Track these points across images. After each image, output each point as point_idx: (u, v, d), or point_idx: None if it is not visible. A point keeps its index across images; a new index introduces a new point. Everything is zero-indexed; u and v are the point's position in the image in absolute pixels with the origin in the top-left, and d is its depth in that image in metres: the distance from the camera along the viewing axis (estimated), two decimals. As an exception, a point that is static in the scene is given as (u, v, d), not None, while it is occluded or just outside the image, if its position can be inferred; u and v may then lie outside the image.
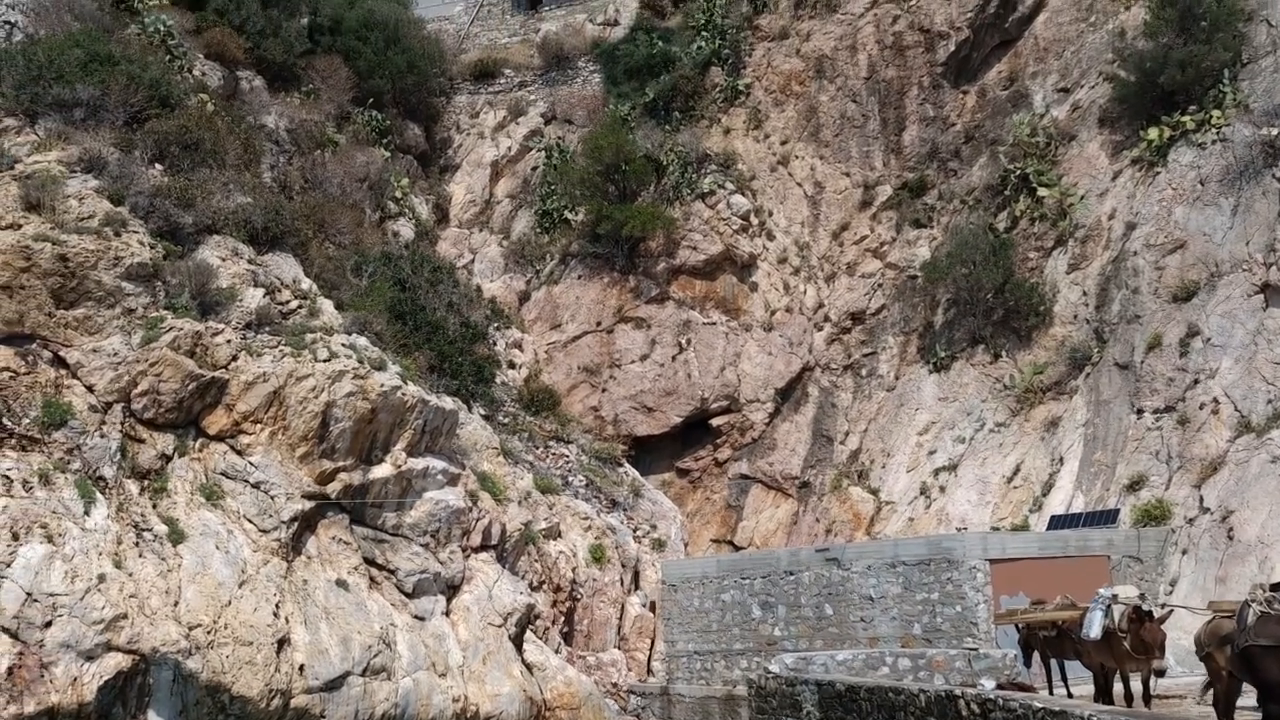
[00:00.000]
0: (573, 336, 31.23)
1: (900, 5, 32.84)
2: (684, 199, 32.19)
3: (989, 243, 28.23)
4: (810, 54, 33.91)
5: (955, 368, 28.14)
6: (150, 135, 21.98)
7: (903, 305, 30.25)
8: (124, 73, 22.44)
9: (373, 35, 38.31)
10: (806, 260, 31.96)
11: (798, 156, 33.20)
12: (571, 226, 33.89)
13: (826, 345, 30.87)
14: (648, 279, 31.36)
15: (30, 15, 24.14)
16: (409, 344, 24.53)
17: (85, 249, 17.87)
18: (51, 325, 17.59)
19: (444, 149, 40.56)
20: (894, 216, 31.45)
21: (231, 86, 30.61)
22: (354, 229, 28.75)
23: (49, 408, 16.82)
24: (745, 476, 29.53)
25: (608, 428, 29.94)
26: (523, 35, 46.77)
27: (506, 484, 23.48)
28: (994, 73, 32.14)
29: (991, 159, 30.20)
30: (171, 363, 17.94)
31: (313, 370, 19.06)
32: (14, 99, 21.18)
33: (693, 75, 35.83)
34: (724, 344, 30.30)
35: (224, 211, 21.37)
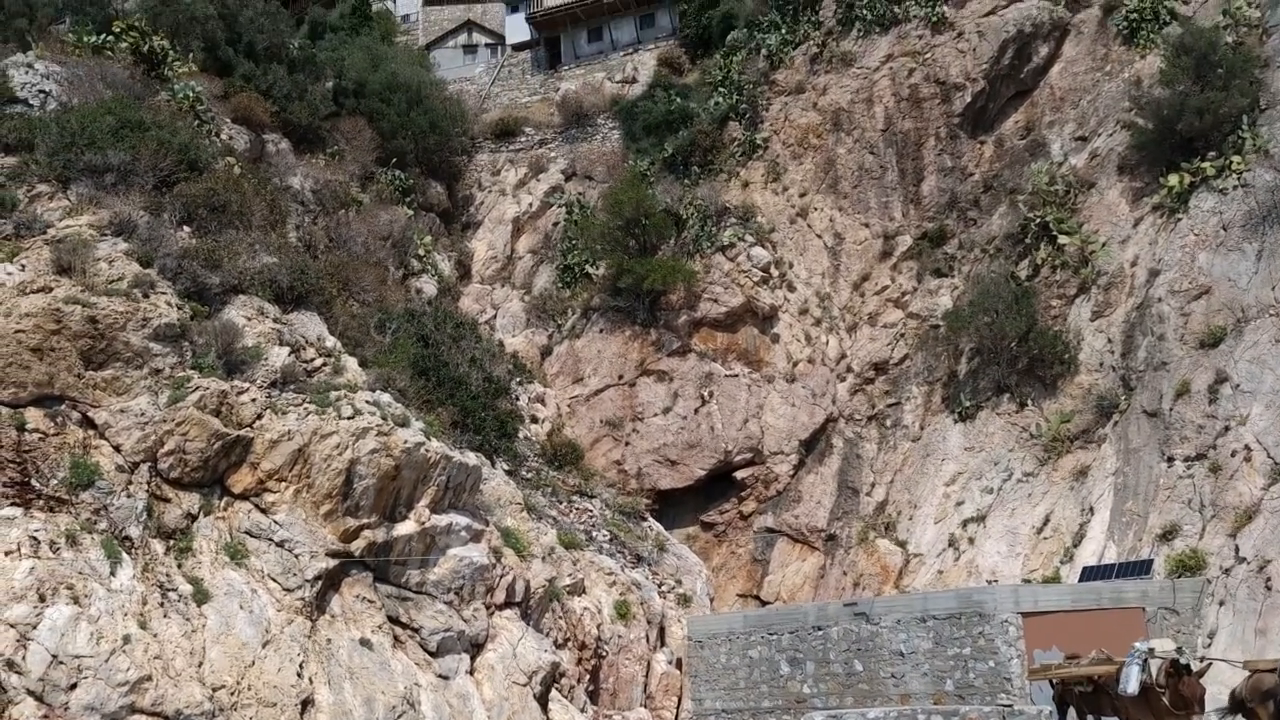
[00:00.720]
0: (595, 390, 31.26)
1: (915, 58, 33.20)
2: (704, 252, 32.36)
3: (1011, 291, 28.15)
4: (827, 107, 34.24)
5: (981, 417, 27.90)
6: (179, 198, 22.38)
7: (926, 355, 30.12)
8: (154, 138, 22.93)
9: (396, 97, 39.08)
10: (828, 311, 31.95)
11: (817, 208, 33.37)
12: (593, 281, 34.10)
13: (850, 396, 30.71)
14: (669, 332, 31.42)
15: (64, 84, 24.75)
16: (432, 400, 24.59)
17: (114, 311, 18.10)
18: (80, 386, 17.77)
19: (466, 206, 41.11)
20: (915, 266, 31.46)
21: (258, 149, 31.20)
22: (378, 286, 29.04)
23: (77, 468, 16.93)
24: (770, 530, 29.26)
25: (631, 481, 29.81)
26: (543, 94, 47.57)
27: (530, 540, 23.34)
28: (1011, 122, 32.34)
29: (1011, 208, 30.25)
30: (197, 422, 18.05)
31: (337, 428, 19.12)
32: (48, 165, 21.67)
33: (711, 130, 36.26)
34: (746, 396, 30.21)
35: (250, 271, 21.65)
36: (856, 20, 35.16)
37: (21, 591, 15.03)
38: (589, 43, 49.06)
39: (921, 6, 33.85)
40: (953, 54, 32.66)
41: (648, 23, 48.07)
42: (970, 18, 33.03)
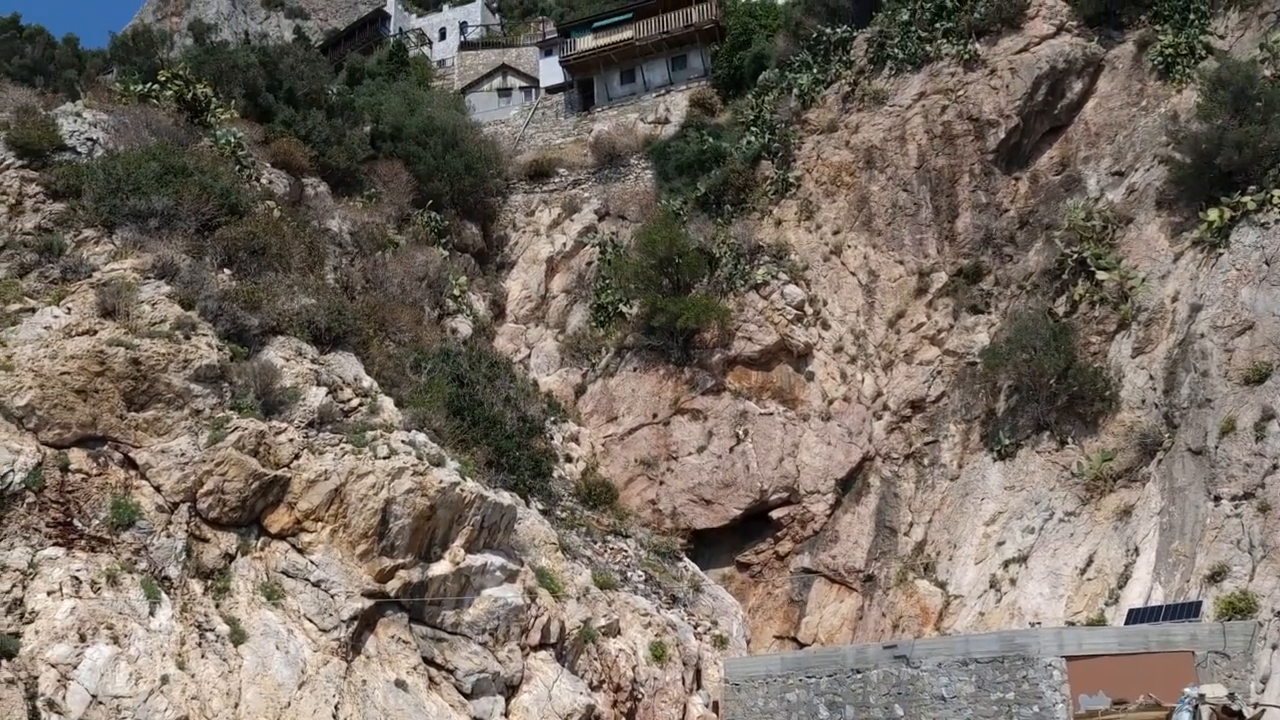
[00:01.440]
0: (629, 429, 31.20)
1: (948, 96, 33.21)
2: (738, 290, 32.36)
3: (1049, 328, 27.85)
4: (859, 145, 34.29)
5: (1020, 455, 27.49)
6: (220, 242, 22.79)
7: (963, 392, 29.79)
8: (196, 183, 23.43)
9: (432, 140, 39.72)
10: (863, 349, 31.77)
11: (850, 246, 33.30)
12: (626, 320, 34.19)
13: (886, 434, 30.41)
14: (703, 370, 31.36)
15: (111, 132, 25.38)
16: (467, 439, 24.67)
17: (156, 353, 18.40)
18: (123, 427, 18.02)
19: (500, 247, 41.50)
20: (950, 303, 31.24)
21: (297, 193, 31.75)
22: (413, 327, 29.31)
23: (118, 508, 17.12)
24: (807, 570, 28.91)
25: (666, 521, 29.63)
26: (576, 135, 48.12)
27: (565, 580, 23.23)
28: (1045, 158, 32.18)
29: (1047, 244, 30.01)
30: (236, 462, 18.23)
31: (373, 467, 19.21)
32: (94, 211, 22.19)
33: (743, 169, 36.41)
34: (782, 434, 30.01)
35: (288, 313, 21.93)
36: (888, 59, 35.29)
37: (63, 631, 15.17)
38: (621, 84, 49.65)
39: (953, 44, 33.92)
40: (986, 91, 32.64)
41: (679, 64, 48.58)
42: (1003, 55, 33.03)
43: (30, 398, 17.35)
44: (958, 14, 34.46)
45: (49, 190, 22.88)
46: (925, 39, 34.67)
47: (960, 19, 34.28)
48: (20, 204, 22.42)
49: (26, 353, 17.85)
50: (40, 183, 22.92)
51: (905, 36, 35.12)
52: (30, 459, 16.70)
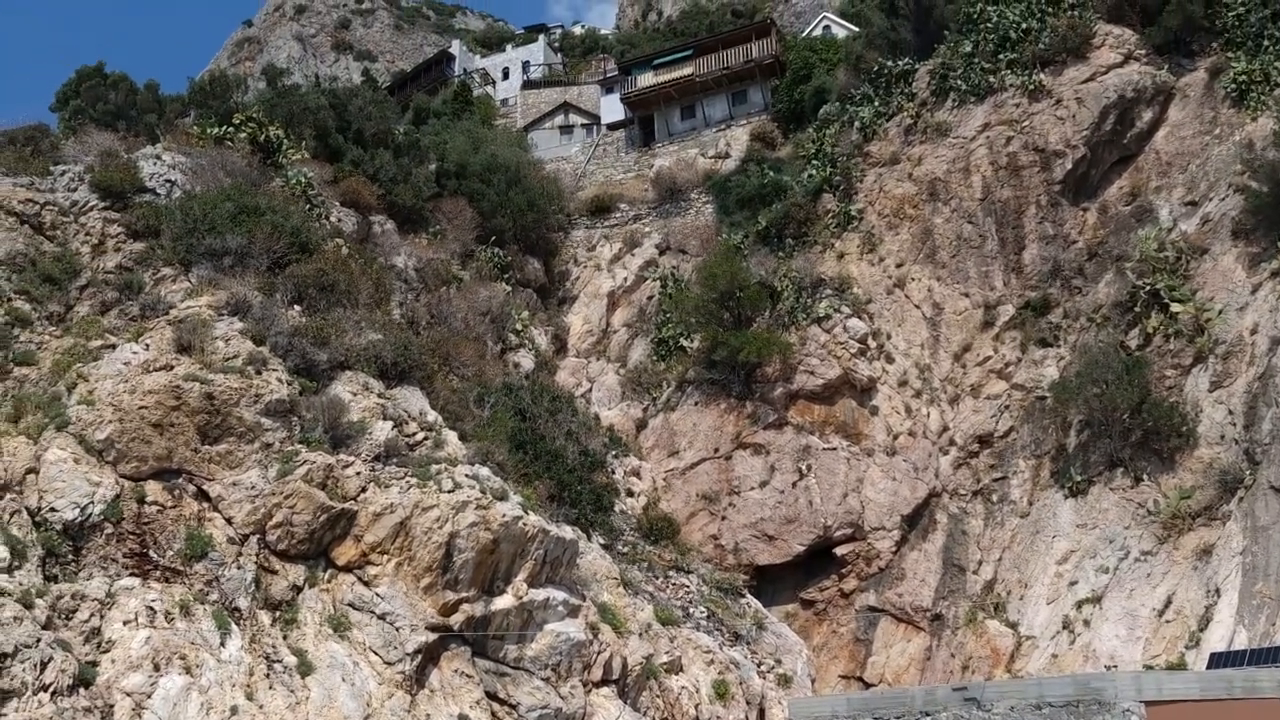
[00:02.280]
0: (690, 464, 31.06)
1: (1013, 127, 32.82)
2: (800, 324, 32.16)
3: (1121, 361, 27.17)
4: (922, 178, 34.00)
5: (1093, 492, 26.75)
6: (290, 279, 23.33)
7: (1032, 427, 29.13)
8: (268, 222, 24.06)
9: (495, 177, 40.36)
10: (928, 383, 31.29)
11: (914, 278, 32.94)
12: (687, 354, 34.16)
13: (953, 470, 29.82)
14: (765, 405, 31.14)
15: (188, 173, 26.23)
16: (529, 473, 24.80)
17: (230, 387, 18.83)
18: (197, 460, 18.44)
19: (562, 281, 41.87)
20: (1018, 336, 30.66)
21: (365, 230, 32.43)
22: (477, 361, 29.64)
23: (191, 540, 17.48)
24: (873, 608, 28.37)
25: (728, 557, 29.36)
26: (637, 171, 48.56)
27: (627, 616, 23.10)
28: (1115, 188, 31.58)
29: (1118, 275, 29.36)
30: (304, 495, 18.51)
31: (437, 501, 19.37)
32: (171, 249, 22.92)
33: (804, 202, 36.32)
34: (845, 470, 29.62)
35: (356, 348, 22.32)
36: (951, 91, 35.04)
37: (138, 661, 15.47)
38: (682, 120, 50.02)
39: (1018, 75, 33.57)
40: (1051, 121, 32.19)
41: (740, 99, 48.84)
42: (1068, 84, 32.58)
43: (110, 431, 17.86)
44: (1022, 45, 34.13)
45: (129, 230, 23.70)
46: (989, 70, 34.37)
47: (1024, 50, 33.95)
48: (102, 244, 23.24)
49: (107, 387, 18.41)
50: (121, 223, 23.74)
51: (968, 68, 34.86)
52: (109, 491, 17.16)
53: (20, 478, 16.90)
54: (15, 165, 24.11)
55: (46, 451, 17.30)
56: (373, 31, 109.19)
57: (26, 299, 21.05)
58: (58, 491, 16.85)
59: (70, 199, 23.74)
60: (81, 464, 17.31)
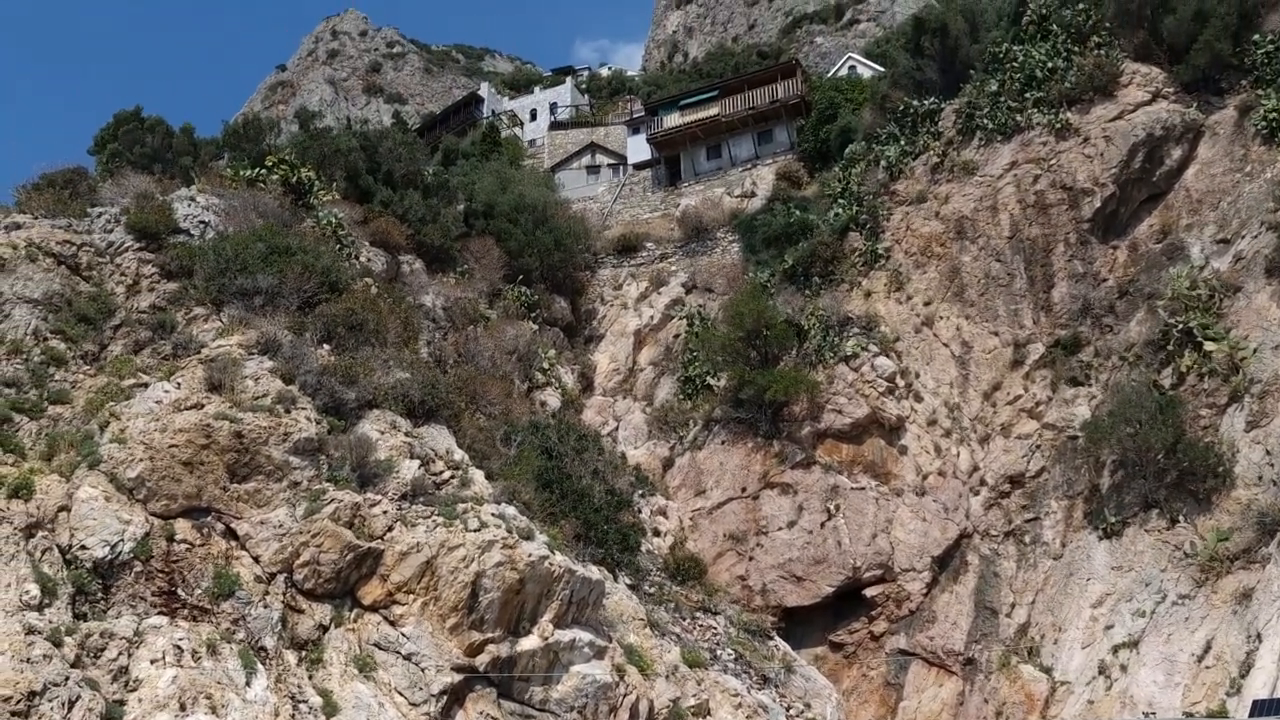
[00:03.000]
0: (718, 503, 30.86)
1: (1040, 165, 32.74)
2: (827, 362, 32.02)
3: (1154, 400, 26.78)
4: (950, 216, 33.93)
5: (1128, 534, 26.27)
6: (320, 318, 23.52)
7: (1064, 467, 28.72)
8: (299, 262, 24.32)
9: (523, 217, 40.73)
10: (958, 422, 30.98)
11: (942, 317, 32.76)
12: (714, 392, 34.07)
13: (984, 510, 29.43)
14: (792, 444, 30.95)
15: (221, 214, 26.62)
16: (555, 512, 24.71)
17: (259, 426, 18.94)
18: (225, 498, 18.52)
19: (589, 320, 42.02)
20: (1048, 375, 30.35)
21: (394, 270, 32.74)
22: (504, 400, 29.70)
23: (219, 578, 17.50)
24: (904, 652, 27.90)
25: (756, 598, 29.04)
26: (663, 210, 48.84)
27: (653, 658, 22.85)
28: (1145, 226, 31.36)
29: (1150, 313, 29.05)
30: (331, 534, 18.51)
31: (463, 540, 19.31)
32: (204, 289, 23.21)
33: (831, 241, 36.32)
34: (874, 510, 29.31)
35: (384, 387, 22.42)
36: (977, 129, 35.06)
37: (165, 700, 15.43)
38: (708, 159, 50.37)
39: (1044, 114, 33.55)
40: (1079, 159, 32.10)
41: (765, 139, 49.14)
42: (1096, 123, 32.52)
43: (141, 469, 17.99)
44: (1048, 83, 34.15)
45: (163, 270, 24.03)
46: (1015, 109, 34.39)
47: (1051, 88, 33.96)
48: (137, 284, 23.58)
49: (139, 426, 18.56)
50: (156, 264, 24.09)
51: (994, 107, 34.89)
52: (139, 529, 17.25)
53: (52, 515, 17.03)
54: (54, 207, 24.57)
55: (78, 489, 17.44)
56: (403, 75, 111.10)
57: (62, 338, 21.35)
58: (89, 529, 16.95)
59: (106, 240, 24.14)
60: (112, 502, 17.43)
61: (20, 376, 20.20)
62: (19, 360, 20.54)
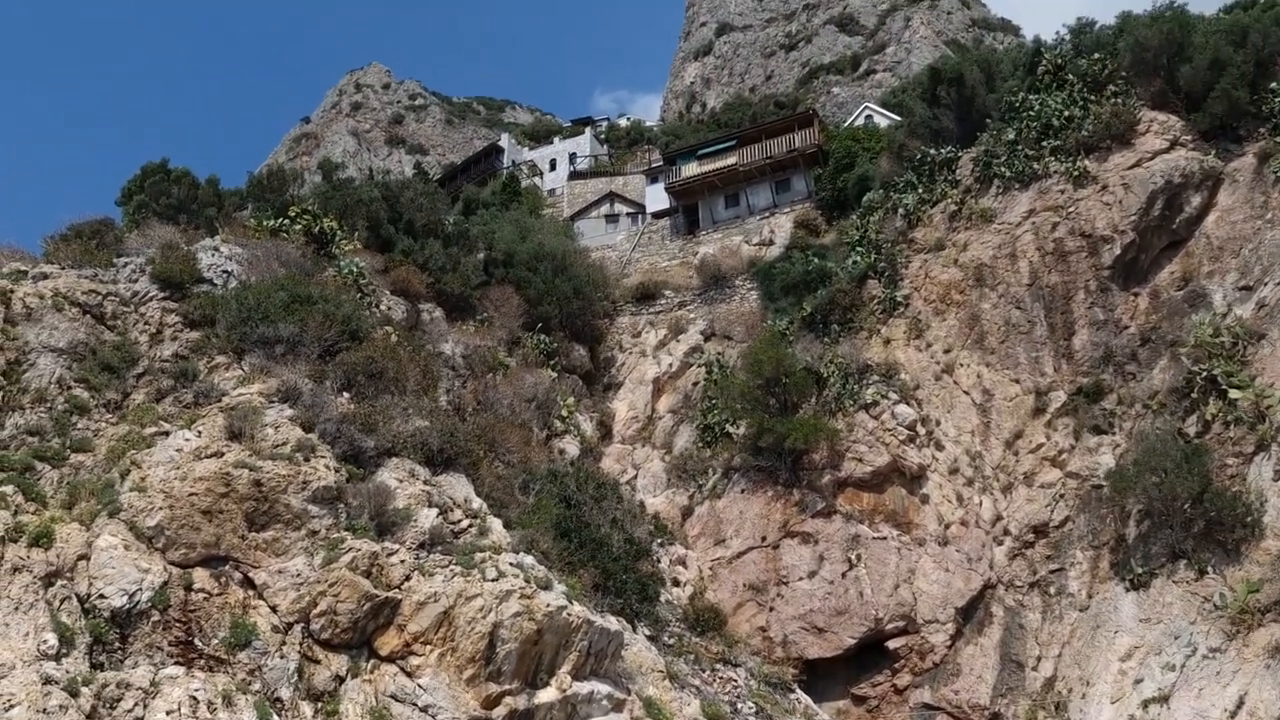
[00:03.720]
0: (737, 552, 30.56)
1: (1058, 213, 32.75)
2: (847, 410, 31.86)
3: (1180, 449, 26.43)
4: (969, 263, 33.91)
5: (1155, 585, 25.79)
6: (340, 366, 23.65)
7: (1089, 517, 28.32)
8: (320, 311, 24.53)
9: (542, 266, 40.98)
10: (980, 470, 30.68)
11: (963, 364, 32.60)
12: (733, 440, 33.91)
13: (1008, 561, 29.01)
14: (813, 492, 30.70)
15: (244, 264, 26.94)
16: (574, 562, 24.53)
17: (278, 474, 18.96)
18: (244, 547, 18.49)
19: (607, 368, 42.04)
20: (1071, 423, 30.07)
21: (414, 318, 32.94)
22: (522, 448, 29.65)
23: (236, 628, 17.41)
24: (928, 706, 27.36)
25: (776, 649, 28.62)
26: (681, 258, 49.05)
27: (672, 711, 22.50)
28: (1166, 273, 31.22)
29: (1173, 361, 28.80)
30: (349, 583, 18.42)
31: (481, 590, 19.17)
32: (226, 338, 23.40)
33: (850, 288, 36.33)
34: (896, 560, 28.94)
35: (403, 435, 22.44)
36: (995, 178, 35.16)
37: (178, 752, 15.29)
38: (726, 208, 50.68)
39: (1062, 162, 33.64)
40: (1098, 207, 32.08)
41: (783, 187, 49.43)
42: (1114, 171, 32.55)
43: (160, 518, 18.01)
44: (1065, 132, 34.29)
45: (186, 320, 24.29)
46: (1032, 157, 34.51)
47: (1068, 137, 34.08)
48: (160, 333, 23.82)
49: (159, 474, 18.63)
50: (179, 313, 24.35)
51: (1012, 155, 35.03)
52: (158, 578, 17.23)
53: (72, 564, 17.04)
54: (81, 258, 24.94)
55: (98, 538, 17.46)
56: (425, 126, 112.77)
57: (85, 387, 21.54)
58: (107, 578, 16.95)
59: (131, 289, 24.44)
60: (132, 550, 17.44)
61: (44, 425, 20.37)
62: (43, 409, 20.74)
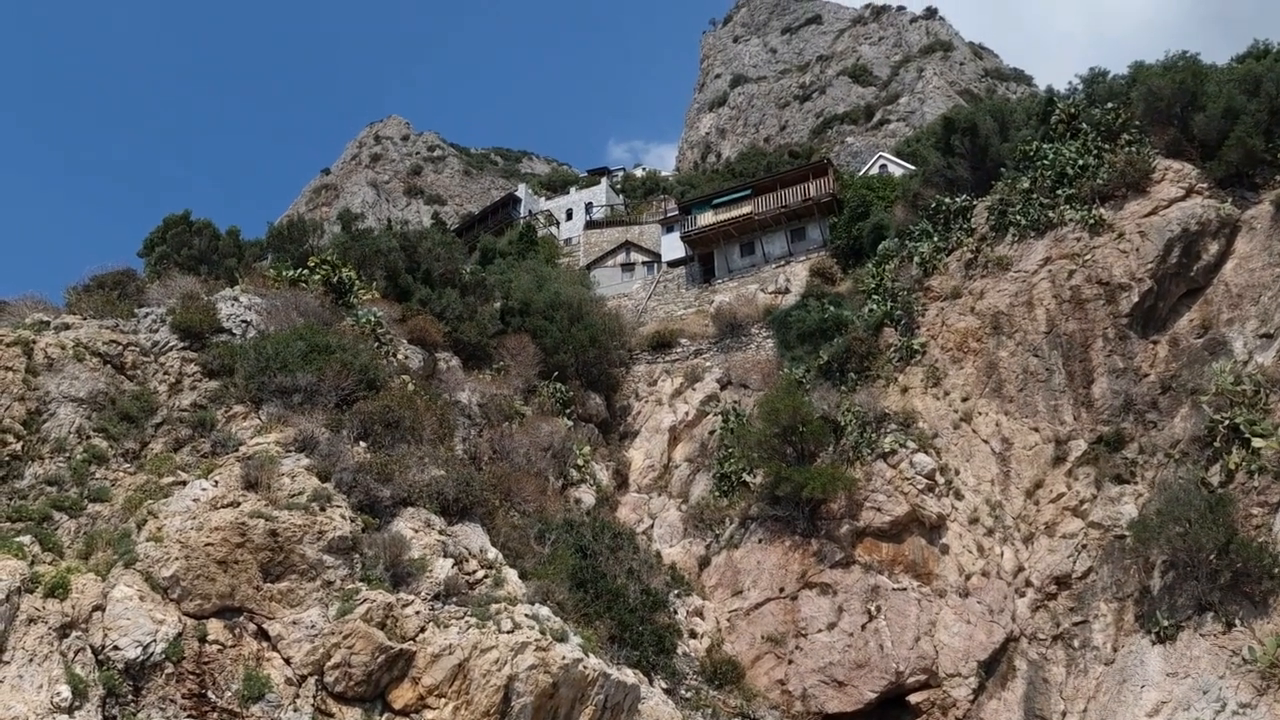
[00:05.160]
0: (755, 604, 30.19)
1: (1075, 260, 32.70)
2: (864, 459, 31.63)
3: (1203, 499, 26.06)
4: (985, 311, 33.83)
5: (1182, 638, 25.28)
6: (357, 415, 23.70)
7: (1113, 568, 27.87)
8: (338, 360, 24.64)
9: (558, 314, 41.11)
10: (1000, 520, 30.31)
11: (981, 413, 32.38)
12: (750, 489, 33.68)
13: (1031, 613, 28.53)
14: (831, 542, 30.38)
15: (263, 314, 27.14)
16: (590, 613, 24.31)
17: (293, 524, 18.93)
18: (258, 598, 18.40)
19: (623, 416, 41.94)
20: (1091, 472, 29.72)
21: (430, 367, 33.03)
22: (538, 497, 29.53)
23: (250, 681, 17.27)
24: (951, 762, 26.80)
25: (796, 703, 28.14)
26: (697, 306, 49.15)
27: (690, 766, 22.14)
28: (1185, 321, 31.02)
29: (1194, 409, 28.51)
30: (364, 635, 18.27)
31: (496, 642, 18.99)
32: (244, 388, 23.51)
33: (866, 336, 36.27)
34: (917, 612, 28.51)
35: (419, 484, 22.40)
36: (1010, 226, 35.20)
37: (189, 808, 15.10)
38: (741, 256, 50.87)
39: (1077, 210, 33.67)
40: (1114, 254, 32.02)
41: (798, 236, 49.62)
42: (1130, 218, 32.54)
43: (176, 569, 17.97)
44: (1080, 180, 34.36)
45: (205, 369, 24.44)
46: (1047, 205, 34.56)
47: (1083, 185, 34.15)
48: (179, 383, 23.96)
49: (175, 524, 18.62)
50: (198, 362, 24.52)
51: (1027, 203, 35.10)
52: (172, 629, 17.13)
53: (87, 615, 16.99)
54: (103, 308, 25.20)
55: (114, 589, 17.42)
56: (443, 177, 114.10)
57: (104, 436, 21.65)
58: (122, 629, 16.87)
59: (152, 339, 24.64)
60: (146, 601, 17.37)
61: (62, 474, 20.45)
62: (62, 458, 20.83)
